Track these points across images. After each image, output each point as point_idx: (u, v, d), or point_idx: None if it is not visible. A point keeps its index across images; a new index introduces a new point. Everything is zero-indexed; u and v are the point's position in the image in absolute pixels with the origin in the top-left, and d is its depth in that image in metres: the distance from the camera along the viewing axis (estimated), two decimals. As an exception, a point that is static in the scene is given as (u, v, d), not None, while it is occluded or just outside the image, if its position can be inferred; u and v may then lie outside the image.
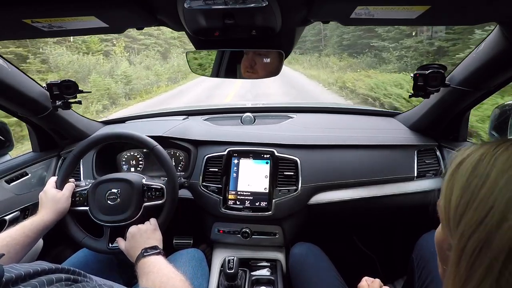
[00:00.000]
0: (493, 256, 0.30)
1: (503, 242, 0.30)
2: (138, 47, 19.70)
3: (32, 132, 1.21)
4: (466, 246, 0.33)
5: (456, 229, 0.35)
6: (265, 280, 1.04)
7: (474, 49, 0.89)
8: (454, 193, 0.36)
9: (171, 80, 15.86)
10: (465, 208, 0.34)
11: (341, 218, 1.31)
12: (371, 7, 0.56)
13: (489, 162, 0.34)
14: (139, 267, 0.73)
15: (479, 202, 0.32)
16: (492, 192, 0.32)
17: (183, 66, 17.59)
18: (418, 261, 0.90)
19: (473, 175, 0.34)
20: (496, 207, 0.31)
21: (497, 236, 0.30)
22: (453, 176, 0.37)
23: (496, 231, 0.30)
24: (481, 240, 0.31)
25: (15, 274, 0.37)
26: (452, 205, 0.36)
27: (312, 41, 27.00)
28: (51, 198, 0.86)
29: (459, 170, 0.36)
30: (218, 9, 0.56)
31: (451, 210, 0.36)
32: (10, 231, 0.75)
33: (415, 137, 1.22)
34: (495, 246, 0.30)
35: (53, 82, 1.06)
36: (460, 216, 0.34)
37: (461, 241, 0.34)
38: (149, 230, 0.85)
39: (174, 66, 18.22)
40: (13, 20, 0.58)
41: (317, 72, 15.10)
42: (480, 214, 0.32)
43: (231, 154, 1.16)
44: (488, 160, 0.34)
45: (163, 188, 0.94)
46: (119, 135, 0.98)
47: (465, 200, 0.34)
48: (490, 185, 0.32)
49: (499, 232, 0.30)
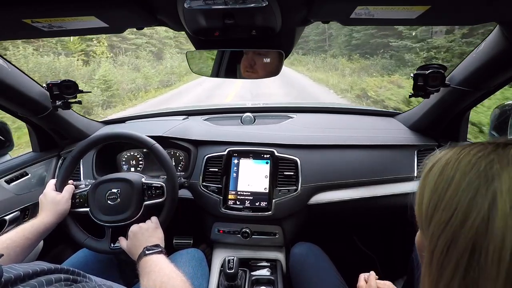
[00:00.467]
0: (459, 254, 0.32)
1: (466, 240, 0.32)
2: (127, 47, 17.78)
3: (32, 132, 1.21)
4: (436, 246, 0.34)
5: (427, 231, 0.37)
6: (265, 280, 1.04)
7: (474, 49, 0.89)
8: (425, 196, 0.38)
9: (163, 83, 14.22)
10: (434, 210, 0.36)
11: (341, 218, 1.31)
12: (371, 7, 0.56)
13: (453, 166, 0.36)
14: (140, 265, 0.73)
15: (445, 204, 0.34)
16: (456, 193, 0.34)
17: (177, 68, 16.75)
18: (418, 261, 0.90)
19: (440, 179, 0.36)
20: (460, 207, 0.33)
21: (461, 235, 0.32)
22: (424, 180, 0.39)
23: (460, 230, 0.32)
24: (448, 239, 0.33)
25: (14, 274, 0.37)
26: (423, 207, 0.38)
27: (315, 41, 25.59)
28: (51, 201, 0.86)
29: (429, 174, 0.38)
30: (218, 9, 0.56)
31: (423, 213, 0.38)
32: (10, 234, 0.75)
33: (415, 137, 1.22)
34: (460, 245, 0.32)
35: (53, 82, 1.06)
36: (430, 218, 0.36)
37: (431, 242, 0.35)
38: (151, 228, 0.85)
39: (167, 67, 16.60)
40: (13, 20, 0.58)
41: (324, 75, 13.48)
42: (446, 215, 0.34)
43: (231, 154, 1.16)
44: (452, 164, 0.36)
45: (163, 186, 0.94)
46: (117, 135, 0.98)
47: (433, 202, 0.36)
48: (454, 187, 0.34)
49: (463, 231, 0.32)
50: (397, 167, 1.17)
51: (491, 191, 0.31)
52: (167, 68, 16.40)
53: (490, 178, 0.32)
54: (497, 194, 0.31)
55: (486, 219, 0.31)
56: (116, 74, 11.58)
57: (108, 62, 12.90)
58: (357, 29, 15.61)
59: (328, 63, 16.58)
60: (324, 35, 23.94)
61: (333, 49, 20.67)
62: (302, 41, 27.85)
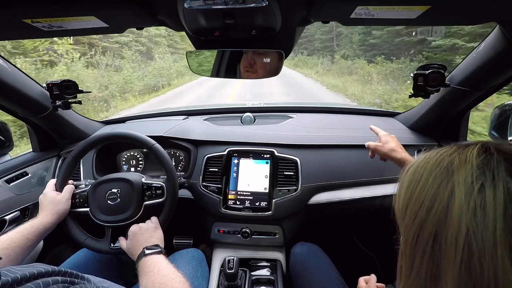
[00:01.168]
0: (425, 240, 0.36)
1: (430, 228, 0.36)
2: (109, 46, 14.81)
3: (32, 132, 1.21)
4: (408, 236, 0.39)
5: (402, 223, 0.41)
6: (265, 280, 1.03)
7: (474, 49, 0.89)
8: (401, 193, 0.42)
9: (148, 88, 12.00)
10: (407, 204, 0.40)
11: (341, 218, 1.31)
12: (371, 7, 0.56)
13: (423, 166, 0.40)
14: (140, 266, 0.73)
15: (415, 198, 0.39)
16: (424, 188, 0.38)
17: (167, 70, 15.05)
18: None
19: (412, 177, 0.41)
20: (426, 199, 0.37)
21: (427, 223, 0.36)
22: (402, 179, 0.44)
23: (426, 219, 0.37)
24: (417, 228, 0.38)
25: (11, 277, 0.37)
26: (400, 204, 0.42)
27: (321, 40, 23.71)
28: (51, 201, 0.86)
29: (406, 175, 0.43)
30: (218, 9, 0.57)
31: (400, 208, 0.42)
32: (10, 234, 0.75)
33: (415, 137, 1.22)
34: (426, 232, 0.36)
35: (53, 82, 1.06)
36: (404, 211, 0.41)
37: (405, 233, 0.40)
38: (150, 228, 0.85)
39: (155, 70, 14.15)
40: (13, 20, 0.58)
41: (339, 81, 11.16)
42: (416, 207, 0.38)
43: (231, 154, 1.16)
44: (423, 164, 0.41)
45: (163, 186, 0.94)
46: (117, 135, 0.98)
47: (407, 198, 0.41)
48: (423, 183, 0.39)
49: (428, 220, 0.36)
50: (397, 167, 1.16)
51: (451, 183, 0.36)
52: (155, 70, 14.19)
53: (451, 172, 0.36)
54: (455, 186, 0.35)
55: (446, 208, 0.35)
56: (87, 79, 9.15)
57: (78, 63, 10.02)
58: (378, 26, 12.82)
59: (340, 65, 14.71)
60: (331, 33, 22.25)
61: (342, 49, 19.06)
62: (306, 40, 26.46)
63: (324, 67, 15.96)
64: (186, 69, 16.48)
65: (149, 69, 14.10)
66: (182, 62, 17.96)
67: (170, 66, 16.07)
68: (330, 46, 22.49)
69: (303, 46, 27.00)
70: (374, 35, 14.81)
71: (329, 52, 21.10)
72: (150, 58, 17.28)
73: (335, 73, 13.75)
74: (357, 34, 16.73)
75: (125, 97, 10.04)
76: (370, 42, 15.21)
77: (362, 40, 16.09)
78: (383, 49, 13.88)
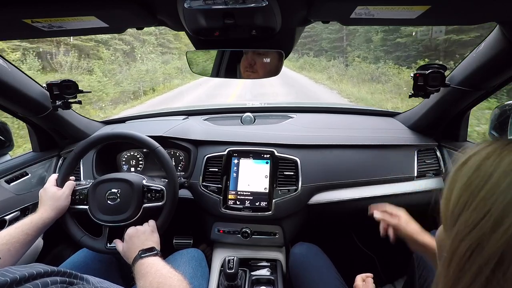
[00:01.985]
0: (483, 262, 0.29)
1: (495, 248, 0.29)
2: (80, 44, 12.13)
3: (32, 132, 1.21)
4: (458, 248, 0.32)
5: (451, 230, 0.34)
6: (265, 280, 1.03)
7: (474, 49, 0.89)
8: (454, 192, 0.34)
9: (124, 96, 9.76)
10: (463, 209, 0.32)
11: (341, 218, 1.31)
12: (371, 7, 0.56)
13: (493, 163, 0.32)
14: (136, 269, 0.73)
15: (477, 203, 0.31)
16: (492, 194, 0.30)
17: (151, 73, 12.44)
18: (419, 261, 0.90)
19: (475, 175, 0.32)
20: (494, 210, 0.29)
21: (490, 241, 0.29)
22: (456, 174, 0.35)
23: (490, 235, 0.29)
24: (473, 243, 0.30)
25: (10, 278, 0.37)
26: (451, 204, 0.34)
27: (330, 40, 20.60)
28: (51, 196, 0.86)
29: (463, 168, 0.35)
30: (218, 9, 0.56)
31: (449, 210, 0.34)
32: (9, 229, 0.75)
33: (415, 137, 1.22)
34: (486, 252, 0.29)
35: (53, 82, 1.06)
36: (457, 216, 0.33)
37: (454, 242, 0.33)
38: (147, 231, 0.85)
39: (136, 73, 11.50)
40: (13, 20, 0.58)
41: (365, 91, 8.77)
42: (477, 216, 0.30)
43: (231, 154, 1.16)
44: (493, 160, 0.32)
45: (163, 190, 0.94)
46: (121, 135, 0.98)
47: (463, 200, 0.33)
48: (491, 186, 0.31)
49: (493, 237, 0.29)
50: (397, 167, 1.17)
51: None
52: (136, 74, 11.68)
53: None
54: None
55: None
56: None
57: (33, 63, 8.15)
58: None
59: (359, 70, 11.87)
60: (341, 32, 19.23)
61: (356, 50, 15.98)
62: (310, 40, 24.78)
63: (339, 73, 12.82)
64: (177, 72, 15.43)
65: (131, 72, 11.80)
66: (174, 63, 16.78)
67: (156, 68, 13.50)
68: (340, 46, 19.62)
69: (307, 46, 25.15)
70: (403, 33, 11.83)
71: (338, 53, 18.56)
72: (135, 59, 14.36)
73: (354, 80, 11.07)
74: (377, 33, 13.90)
75: (87, 110, 7.34)
76: (396, 42, 12.14)
77: (384, 39, 13.05)
78: (409, 50, 11.47)
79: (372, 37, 14.58)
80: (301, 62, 21.11)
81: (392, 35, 12.62)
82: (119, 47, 14.65)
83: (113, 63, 12.14)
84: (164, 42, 20.04)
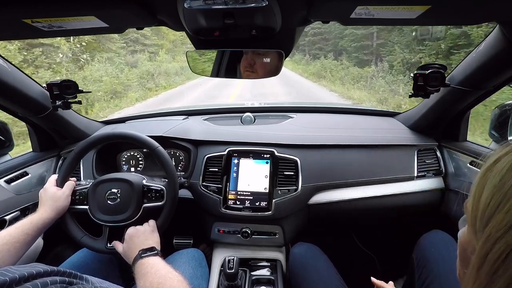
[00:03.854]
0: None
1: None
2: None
3: (32, 132, 1.21)
4: (491, 251, 0.30)
5: (482, 232, 0.32)
6: (265, 280, 1.03)
7: (474, 49, 0.89)
8: (485, 192, 0.33)
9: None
10: (495, 210, 0.31)
11: (341, 218, 1.31)
12: (371, 7, 0.56)
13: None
14: (136, 268, 0.73)
15: (511, 205, 0.30)
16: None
17: (96, 82, 8.32)
18: (418, 261, 0.90)
19: (509, 175, 0.31)
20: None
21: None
22: (486, 174, 0.34)
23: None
24: (508, 246, 0.29)
25: (9, 277, 0.37)
26: (481, 205, 0.33)
27: (355, 37, 15.16)
28: (51, 196, 0.86)
29: (494, 168, 0.33)
30: (218, 9, 0.56)
31: (479, 211, 0.33)
32: (9, 229, 0.75)
33: (415, 137, 1.22)
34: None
35: (53, 82, 1.06)
36: (489, 218, 0.31)
37: (485, 245, 0.31)
38: (147, 231, 0.85)
39: (90, 77, 8.33)
40: (13, 20, 0.58)
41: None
42: (511, 218, 0.29)
43: (231, 154, 1.16)
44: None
45: (163, 190, 0.94)
46: (121, 135, 0.98)
47: (496, 201, 0.31)
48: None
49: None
50: (397, 167, 1.17)
51: None
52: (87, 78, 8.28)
53: None
54: None
55: None
56: None
57: None
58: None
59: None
60: (370, 27, 13.87)
61: (395, 52, 10.77)
62: (320, 38, 20.62)
63: (385, 86, 8.59)
64: (146, 78, 11.26)
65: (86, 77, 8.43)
66: (143, 67, 12.39)
67: (117, 74, 9.95)
68: (368, 46, 14.86)
69: (316, 45, 20.86)
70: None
71: (367, 54, 14.19)
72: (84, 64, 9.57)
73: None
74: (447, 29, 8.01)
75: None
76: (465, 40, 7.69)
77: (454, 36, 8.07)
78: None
79: (436, 34, 8.01)
80: (318, 67, 15.19)
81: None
82: (69, 47, 9.50)
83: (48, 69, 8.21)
84: (138, 37, 15.92)
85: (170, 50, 19.29)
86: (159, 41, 18.32)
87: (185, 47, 20.88)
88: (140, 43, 16.34)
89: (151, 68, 12.72)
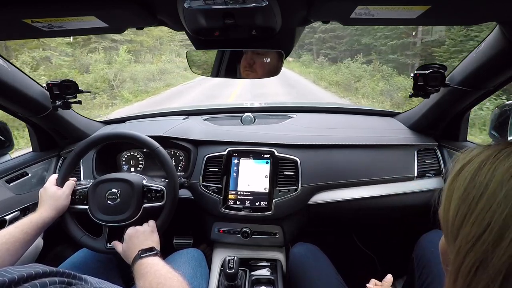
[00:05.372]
0: (489, 277, 0.27)
1: (500, 263, 0.27)
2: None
3: (32, 132, 1.21)
4: (463, 264, 0.30)
5: (453, 244, 0.32)
6: (265, 280, 1.03)
7: (474, 49, 0.89)
8: (452, 203, 0.33)
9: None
10: (462, 222, 0.31)
11: (341, 218, 1.31)
12: (371, 7, 0.56)
13: (488, 171, 0.30)
14: (135, 268, 0.73)
15: (476, 216, 0.29)
16: (490, 206, 0.29)
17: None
18: (418, 261, 0.90)
19: (471, 185, 0.31)
20: (494, 223, 0.28)
21: (494, 255, 0.27)
22: (452, 184, 0.34)
23: (493, 250, 0.27)
24: (477, 259, 0.28)
25: (8, 278, 0.37)
26: (450, 216, 0.33)
27: (392, 32, 11.15)
28: (51, 196, 0.86)
29: (458, 178, 0.33)
30: (218, 9, 0.56)
31: (449, 222, 0.33)
32: (9, 229, 0.75)
33: (415, 137, 1.22)
34: (491, 267, 0.27)
35: (53, 82, 1.06)
36: (457, 230, 0.31)
37: (457, 258, 0.31)
38: (147, 231, 0.85)
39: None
40: (13, 20, 0.58)
41: None
42: (477, 230, 0.29)
43: (231, 154, 1.16)
44: (488, 168, 0.30)
45: (163, 190, 0.94)
46: (121, 135, 0.98)
47: (462, 212, 0.31)
48: (488, 197, 0.29)
49: (496, 252, 0.27)
50: (397, 167, 1.17)
51: None
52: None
53: None
54: None
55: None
56: None
57: None
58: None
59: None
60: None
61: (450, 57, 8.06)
62: (331, 36, 17.67)
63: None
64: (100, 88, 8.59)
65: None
66: (99, 71, 9.33)
67: (74, 77, 7.48)
68: (406, 45, 11.07)
69: (327, 44, 18.11)
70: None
71: (409, 56, 10.65)
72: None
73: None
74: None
75: None
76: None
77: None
78: None
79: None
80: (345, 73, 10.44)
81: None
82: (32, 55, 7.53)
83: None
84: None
85: (153, 48, 15.69)
86: (138, 37, 13.79)
87: (172, 45, 19.49)
88: (108, 38, 11.59)
89: (110, 73, 9.49)
